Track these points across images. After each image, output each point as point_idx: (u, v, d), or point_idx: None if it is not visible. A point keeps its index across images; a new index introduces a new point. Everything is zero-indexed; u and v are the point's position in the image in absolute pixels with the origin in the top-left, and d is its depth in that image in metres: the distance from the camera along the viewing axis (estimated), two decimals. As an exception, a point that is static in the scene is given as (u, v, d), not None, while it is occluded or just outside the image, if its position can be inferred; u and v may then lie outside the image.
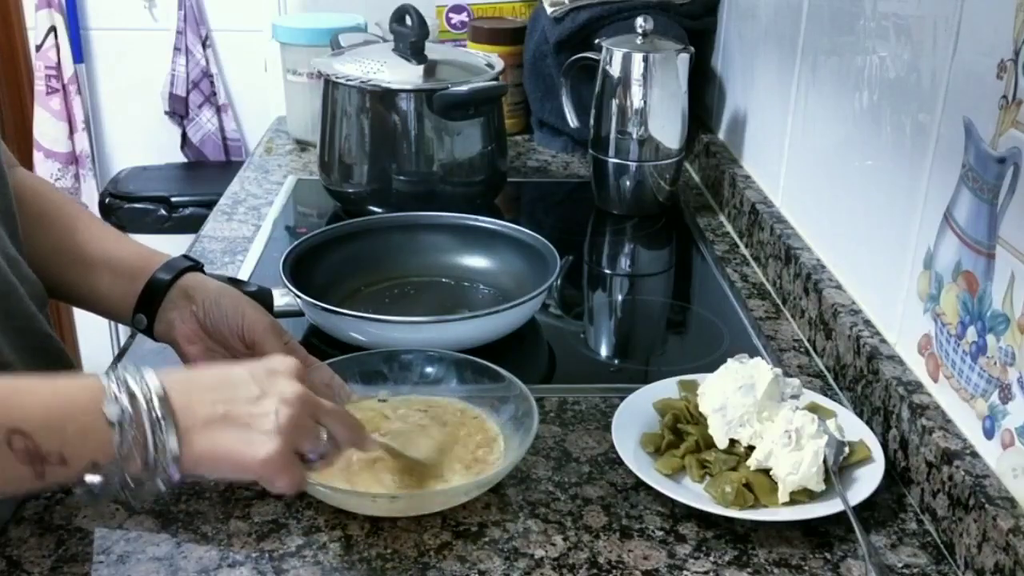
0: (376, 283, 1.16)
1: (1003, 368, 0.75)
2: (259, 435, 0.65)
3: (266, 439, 0.65)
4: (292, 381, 0.68)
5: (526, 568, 0.74)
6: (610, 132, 1.39)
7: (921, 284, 0.89)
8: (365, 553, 0.76)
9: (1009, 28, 0.75)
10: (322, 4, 1.75)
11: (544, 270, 1.09)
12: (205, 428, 0.65)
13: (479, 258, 1.19)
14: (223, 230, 1.36)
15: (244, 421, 0.65)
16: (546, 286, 1.05)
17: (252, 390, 0.66)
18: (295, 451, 0.68)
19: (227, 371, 0.69)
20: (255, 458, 0.65)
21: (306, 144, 1.69)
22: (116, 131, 2.68)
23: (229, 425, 0.65)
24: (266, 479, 0.68)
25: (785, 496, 0.80)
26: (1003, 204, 0.76)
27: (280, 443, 0.65)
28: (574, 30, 1.55)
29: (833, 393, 0.99)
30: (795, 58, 1.23)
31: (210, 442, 0.65)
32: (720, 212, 1.47)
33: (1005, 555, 0.69)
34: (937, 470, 0.79)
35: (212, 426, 0.65)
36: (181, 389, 0.65)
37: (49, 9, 2.49)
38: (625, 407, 0.90)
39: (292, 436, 0.66)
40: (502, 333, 1.04)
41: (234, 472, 0.68)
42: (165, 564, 0.74)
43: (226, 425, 0.65)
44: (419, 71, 1.33)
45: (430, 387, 0.92)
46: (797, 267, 1.13)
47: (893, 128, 0.96)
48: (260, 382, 0.67)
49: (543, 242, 1.14)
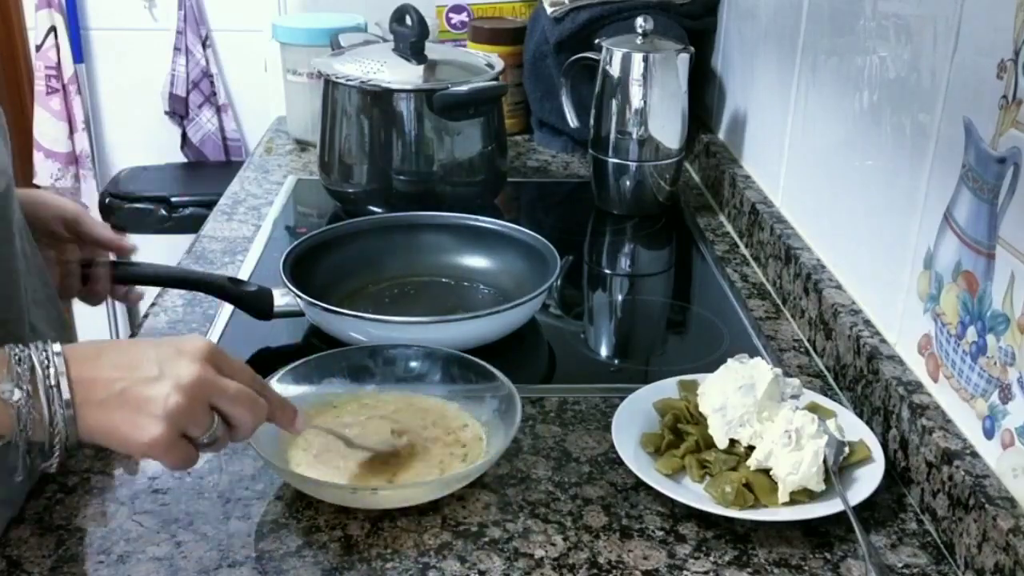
0: (376, 283, 1.16)
1: (1003, 368, 0.75)
2: (146, 418, 0.66)
3: (152, 423, 0.66)
4: (194, 364, 0.68)
5: (526, 568, 0.74)
6: (610, 132, 1.39)
7: (921, 284, 0.89)
8: (365, 553, 0.76)
9: (1009, 28, 0.75)
10: (322, 4, 1.75)
11: (544, 270, 1.09)
12: (100, 405, 0.66)
13: (479, 258, 1.19)
14: (223, 230, 1.36)
15: (136, 403, 0.66)
16: (546, 286, 1.05)
17: (151, 371, 0.67)
18: (184, 435, 0.69)
19: (135, 349, 0.70)
20: (139, 440, 0.66)
21: (306, 144, 1.69)
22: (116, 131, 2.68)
23: (122, 405, 0.66)
24: (152, 458, 0.69)
25: (785, 496, 0.80)
26: (1003, 204, 0.76)
27: (165, 428, 0.66)
28: (574, 30, 1.55)
29: (833, 393, 0.99)
30: (795, 58, 1.23)
31: (101, 419, 0.66)
32: (720, 212, 1.47)
33: (1005, 555, 0.69)
34: (937, 470, 0.79)
35: (106, 404, 0.66)
36: (84, 364, 0.67)
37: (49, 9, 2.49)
38: (625, 407, 0.90)
39: (179, 421, 0.67)
40: (502, 333, 1.04)
41: (121, 449, 0.70)
42: (165, 564, 0.74)
43: (119, 404, 0.66)
44: (419, 71, 1.33)
45: (415, 382, 0.92)
46: (797, 267, 1.13)
47: (893, 128, 0.96)
48: (161, 363, 0.67)
49: (543, 242, 1.14)
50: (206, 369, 0.69)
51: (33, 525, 0.77)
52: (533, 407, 0.95)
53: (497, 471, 0.85)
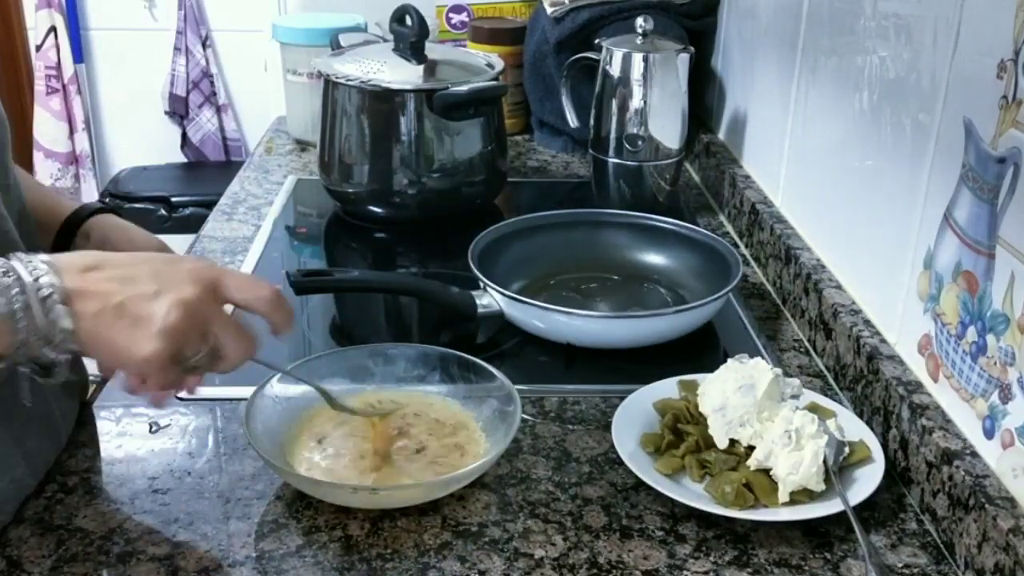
0: (556, 276, 1.20)
1: (1003, 368, 0.75)
2: (143, 333, 0.65)
3: (149, 339, 0.65)
4: (192, 284, 0.67)
5: (526, 568, 0.74)
6: (610, 132, 1.39)
7: (921, 284, 0.89)
8: (365, 553, 0.76)
9: (1009, 28, 0.75)
10: (322, 4, 1.75)
11: (727, 272, 1.10)
12: (96, 317, 0.65)
13: (657, 256, 1.22)
14: (223, 230, 1.36)
15: (134, 316, 0.65)
16: (729, 288, 1.07)
17: (150, 286, 0.66)
18: (176, 354, 0.68)
19: (133, 262, 0.69)
20: (136, 355, 0.66)
21: (306, 144, 1.69)
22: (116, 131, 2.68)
23: (119, 318, 0.65)
24: (142, 375, 0.69)
25: (785, 496, 0.80)
26: (1003, 204, 0.76)
27: (162, 344, 0.66)
28: (574, 30, 1.55)
29: (833, 393, 0.99)
30: (795, 58, 1.23)
31: (97, 329, 0.65)
32: (720, 212, 1.47)
33: (1005, 555, 0.69)
34: (937, 470, 0.79)
35: (102, 316, 0.65)
36: (77, 275, 0.66)
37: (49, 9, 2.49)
38: (625, 407, 0.90)
39: (175, 339, 0.67)
40: (681, 333, 1.06)
41: (114, 363, 0.69)
42: (165, 564, 0.74)
43: (116, 316, 0.65)
44: (419, 71, 1.33)
45: (415, 382, 0.92)
46: (797, 267, 1.13)
47: (893, 128, 0.96)
48: (160, 279, 0.67)
49: (724, 244, 1.16)
50: (205, 291, 0.68)
51: (33, 525, 0.77)
52: (533, 407, 0.95)
53: (497, 471, 0.85)
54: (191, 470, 0.84)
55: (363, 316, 1.19)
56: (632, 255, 1.23)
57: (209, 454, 0.87)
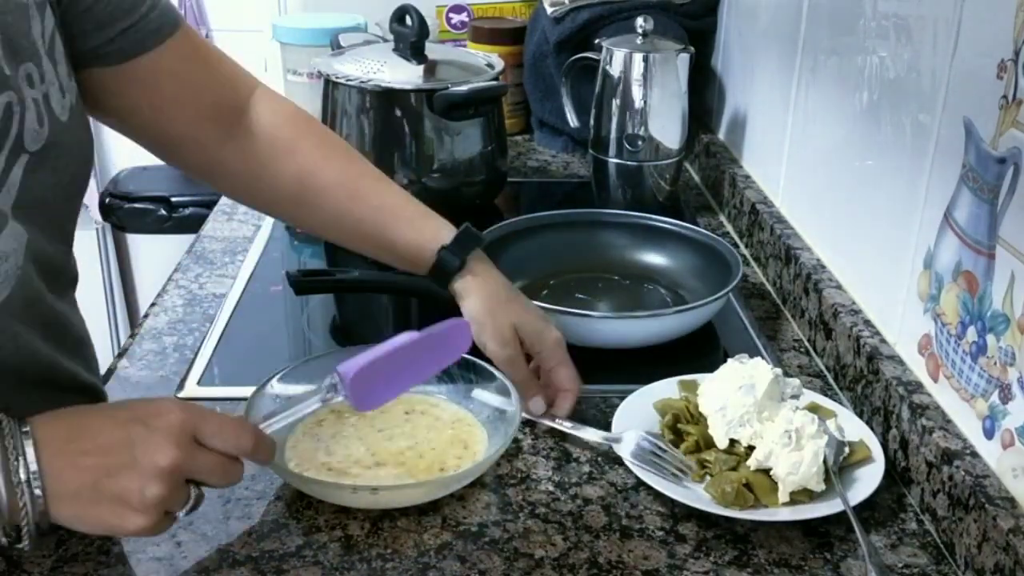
0: (556, 277, 1.19)
1: (1003, 368, 0.75)
2: (127, 510, 0.65)
3: (134, 515, 0.66)
4: (168, 446, 0.66)
5: (526, 568, 0.74)
6: (610, 132, 1.39)
7: (921, 284, 0.89)
8: (365, 553, 0.76)
9: (1009, 28, 0.75)
10: (322, 4, 1.75)
11: (727, 272, 1.10)
12: (74, 498, 0.65)
13: (657, 256, 1.22)
14: (223, 230, 1.36)
15: (112, 495, 0.65)
16: (729, 288, 1.06)
17: (124, 457, 0.65)
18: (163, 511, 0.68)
19: (106, 429, 0.67)
20: (125, 529, 0.67)
21: (306, 144, 1.69)
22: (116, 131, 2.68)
23: (98, 499, 0.65)
24: None
25: (785, 496, 0.80)
26: (1003, 204, 0.76)
27: (148, 518, 0.66)
28: (574, 30, 1.55)
29: (833, 393, 0.99)
30: (795, 58, 1.23)
31: (78, 512, 0.66)
32: (720, 212, 1.47)
33: (1005, 555, 0.69)
34: (937, 470, 0.79)
35: (80, 497, 0.65)
36: (55, 450, 0.65)
37: (49, 9, 2.49)
38: (625, 407, 0.90)
39: (159, 507, 0.67)
40: (680, 333, 1.05)
41: (103, 533, 0.71)
42: (165, 564, 0.74)
43: (95, 498, 0.65)
44: (419, 71, 1.33)
45: None
46: (797, 267, 1.13)
47: (893, 128, 0.96)
48: (134, 447, 0.66)
49: (724, 244, 1.16)
50: (181, 448, 0.67)
51: (33, 525, 0.77)
52: (533, 407, 0.95)
53: (497, 471, 0.85)
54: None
55: (363, 316, 1.19)
56: (632, 255, 1.23)
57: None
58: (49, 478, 0.64)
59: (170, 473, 0.66)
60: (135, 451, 0.65)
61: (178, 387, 0.97)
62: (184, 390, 0.97)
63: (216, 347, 1.04)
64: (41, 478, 0.64)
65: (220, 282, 1.20)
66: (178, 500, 0.68)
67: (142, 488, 0.65)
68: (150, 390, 0.97)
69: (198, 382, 0.99)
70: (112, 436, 0.66)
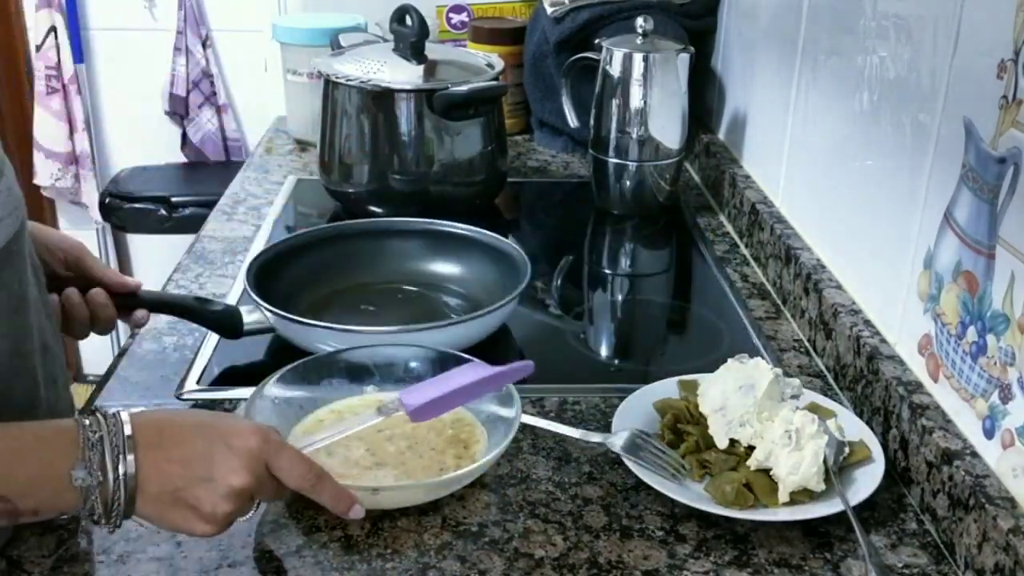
0: (342, 292, 1.14)
1: (1003, 368, 0.75)
2: (197, 519, 0.70)
3: (202, 524, 0.70)
4: (244, 471, 0.70)
5: (526, 568, 0.74)
6: (610, 132, 1.39)
7: (921, 284, 0.89)
8: (365, 553, 0.76)
9: (1009, 28, 0.75)
10: (322, 4, 1.75)
11: (515, 275, 1.07)
12: (155, 499, 0.69)
13: (448, 264, 1.17)
14: (223, 230, 1.36)
15: (187, 503, 0.69)
16: (516, 293, 1.03)
17: (203, 471, 0.70)
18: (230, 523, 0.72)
19: (192, 439, 0.71)
20: (193, 533, 0.71)
21: (306, 144, 1.69)
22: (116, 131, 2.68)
23: (174, 504, 0.69)
24: None
25: (785, 496, 0.80)
26: (1003, 204, 0.76)
27: (214, 528, 0.71)
28: (574, 30, 1.55)
29: (833, 393, 0.99)
30: (795, 58, 1.23)
31: (156, 512, 0.70)
32: (720, 212, 1.47)
33: (1005, 555, 0.69)
34: (937, 470, 0.79)
35: (160, 498, 0.69)
36: (149, 452, 0.69)
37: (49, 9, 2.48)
38: (625, 407, 0.90)
39: (227, 521, 0.71)
40: (473, 341, 1.01)
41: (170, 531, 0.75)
42: (165, 564, 0.74)
43: (172, 503, 0.69)
44: (419, 71, 1.33)
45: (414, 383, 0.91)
46: (797, 267, 1.13)
47: (893, 128, 0.96)
48: (214, 463, 0.70)
49: (514, 247, 1.12)
50: (255, 473, 0.71)
51: (33, 525, 0.77)
52: (533, 407, 0.95)
53: (497, 471, 0.85)
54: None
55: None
56: (425, 264, 1.18)
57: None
58: (140, 477, 0.68)
59: (240, 494, 0.70)
60: (214, 469, 0.70)
61: (178, 387, 0.97)
62: (184, 390, 0.97)
63: (216, 347, 1.04)
64: (136, 479, 0.68)
65: (220, 282, 1.20)
66: (244, 513, 0.73)
67: (215, 503, 0.69)
68: (150, 390, 0.97)
69: (198, 382, 0.99)
70: (197, 448, 0.70)
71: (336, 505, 0.75)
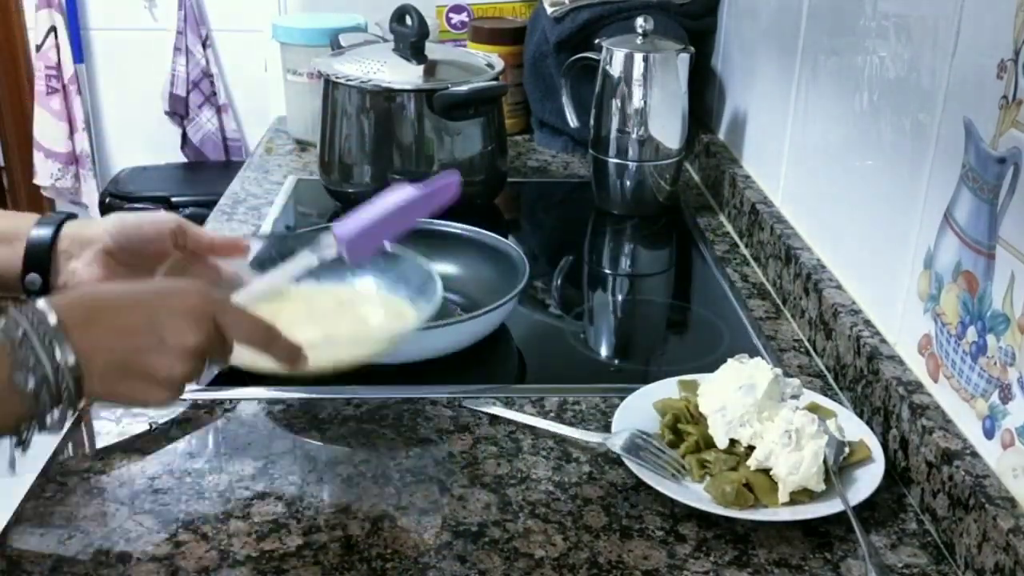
0: None
1: (1003, 368, 0.75)
2: (152, 387, 0.68)
3: (159, 391, 0.69)
4: (193, 330, 0.69)
5: (526, 568, 0.74)
6: (610, 132, 1.39)
7: (921, 284, 0.89)
8: (365, 553, 0.76)
9: (1009, 28, 0.75)
10: (322, 4, 1.75)
11: (515, 276, 1.07)
12: (102, 376, 0.67)
13: (446, 264, 1.15)
14: (223, 230, 1.36)
15: (139, 372, 0.68)
16: (515, 292, 1.03)
17: (150, 339, 0.68)
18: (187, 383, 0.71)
19: (129, 309, 0.69)
20: (151, 403, 0.71)
21: (306, 144, 1.69)
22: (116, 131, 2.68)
23: (125, 376, 0.68)
24: None
25: (785, 496, 0.80)
26: (1003, 204, 0.76)
27: (171, 392, 0.69)
28: (574, 30, 1.55)
29: (833, 393, 0.99)
30: (795, 58, 1.23)
31: (106, 387, 0.68)
32: (720, 212, 1.47)
33: (1005, 555, 0.69)
34: (937, 470, 0.79)
35: (108, 375, 0.67)
36: (81, 332, 0.67)
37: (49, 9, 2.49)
38: (625, 407, 0.90)
39: (184, 382, 0.70)
40: (471, 341, 1.01)
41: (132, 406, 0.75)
42: (165, 564, 0.74)
43: (122, 375, 0.68)
44: (419, 71, 1.33)
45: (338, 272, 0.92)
46: (797, 267, 1.13)
47: (893, 128, 0.96)
48: (159, 327, 0.68)
49: (512, 247, 1.13)
50: (206, 330, 0.69)
51: (33, 525, 0.77)
52: (533, 407, 0.95)
53: (497, 471, 0.85)
54: (191, 470, 0.84)
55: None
56: None
57: (209, 454, 0.87)
58: (82, 359, 0.66)
59: (194, 353, 0.69)
60: (164, 332, 0.68)
61: (178, 387, 0.97)
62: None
63: (216, 347, 1.04)
64: (76, 361, 0.66)
65: (220, 282, 1.20)
66: (198, 374, 0.71)
67: (170, 366, 0.68)
68: (150, 390, 0.97)
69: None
70: (136, 317, 0.69)
71: (288, 357, 0.74)
